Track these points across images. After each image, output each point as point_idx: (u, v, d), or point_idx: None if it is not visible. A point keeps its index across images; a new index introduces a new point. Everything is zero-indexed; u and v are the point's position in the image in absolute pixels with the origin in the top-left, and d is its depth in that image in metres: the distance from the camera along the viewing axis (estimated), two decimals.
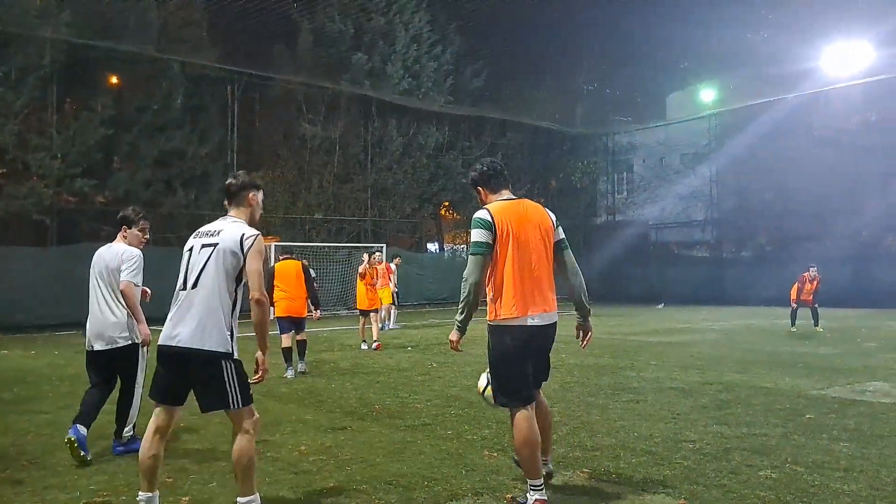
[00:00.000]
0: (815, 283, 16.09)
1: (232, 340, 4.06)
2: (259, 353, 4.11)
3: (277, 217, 25.99)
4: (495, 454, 5.62)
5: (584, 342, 4.96)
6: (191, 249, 4.19)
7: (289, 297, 10.30)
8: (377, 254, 14.99)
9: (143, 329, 5.76)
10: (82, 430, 5.48)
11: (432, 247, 33.62)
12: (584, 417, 6.95)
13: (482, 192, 4.83)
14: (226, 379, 4.00)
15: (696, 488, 4.67)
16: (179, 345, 4.00)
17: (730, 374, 9.55)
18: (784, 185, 27.53)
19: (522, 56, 38.03)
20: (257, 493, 4.06)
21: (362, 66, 28.63)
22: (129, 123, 22.09)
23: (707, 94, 33.98)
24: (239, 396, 4.02)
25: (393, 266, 18.42)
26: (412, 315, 23.20)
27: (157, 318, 5.03)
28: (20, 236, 20.73)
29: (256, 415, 4.13)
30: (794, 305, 16.11)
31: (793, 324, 15.92)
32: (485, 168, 4.87)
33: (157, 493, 4.10)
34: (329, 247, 25.12)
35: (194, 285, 4.09)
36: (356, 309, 14.87)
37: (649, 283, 31.03)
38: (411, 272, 27.71)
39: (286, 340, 10.21)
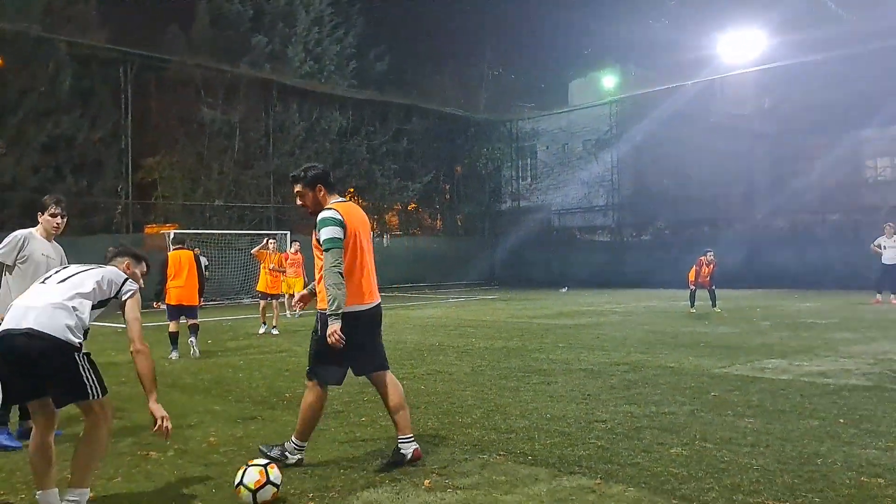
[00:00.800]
0: (712, 266, 16.74)
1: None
2: (149, 401, 4.04)
3: (176, 204, 25.08)
4: None
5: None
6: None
7: (180, 286, 10.48)
8: (272, 241, 14.78)
9: None
10: None
11: None
12: (496, 400, 6.98)
13: (322, 190, 4.98)
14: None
15: (611, 467, 4.74)
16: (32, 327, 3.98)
17: (635, 355, 9.80)
18: (682, 170, 28.58)
19: (426, 40, 38.18)
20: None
21: (262, 49, 27.92)
22: (14, 106, 20.78)
23: (608, 81, 34.80)
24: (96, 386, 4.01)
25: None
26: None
27: None
28: None
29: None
30: (693, 287, 16.70)
31: (692, 305, 16.52)
32: (325, 168, 5.11)
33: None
34: (231, 234, 24.43)
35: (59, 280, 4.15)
36: (258, 293, 14.73)
37: (553, 268, 31.69)
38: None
39: (173, 326, 10.55)
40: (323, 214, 4.80)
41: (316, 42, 29.52)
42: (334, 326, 4.67)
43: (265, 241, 14.86)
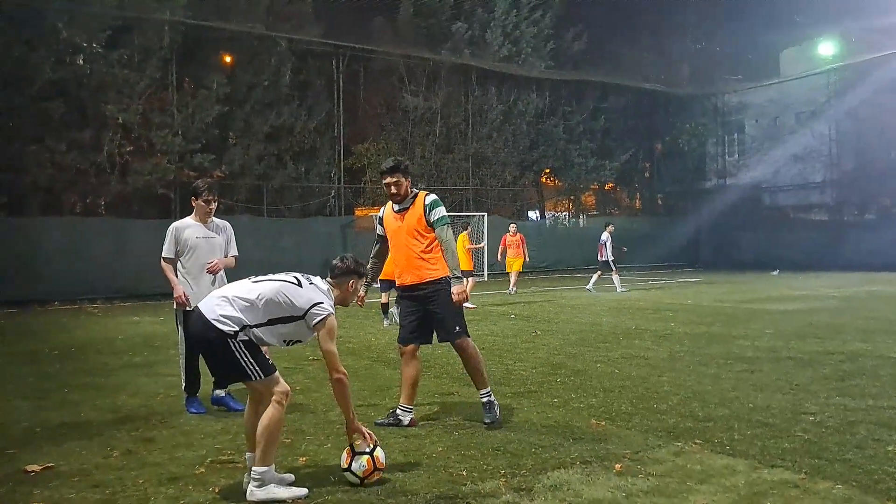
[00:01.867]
0: None
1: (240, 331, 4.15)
2: (351, 421, 4.37)
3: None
4: (603, 423, 5.58)
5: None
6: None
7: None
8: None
9: (175, 290, 6.29)
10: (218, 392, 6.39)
11: (533, 214, 33.39)
12: (695, 387, 6.79)
13: (408, 181, 5.77)
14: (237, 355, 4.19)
15: (817, 462, 4.49)
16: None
17: (853, 344, 9.09)
18: None
19: (624, 17, 36.84)
20: (273, 464, 4.16)
21: (462, 35, 28.54)
22: (242, 100, 22.94)
23: (825, 48, 31.91)
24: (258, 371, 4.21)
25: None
26: None
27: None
28: (146, 210, 21.97)
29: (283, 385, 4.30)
30: None
31: None
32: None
33: (273, 465, 4.23)
34: None
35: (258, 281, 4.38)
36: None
37: (762, 249, 29.80)
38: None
39: (384, 297, 12.31)
40: (432, 196, 5.72)
41: (514, 25, 29.68)
42: (462, 286, 5.65)
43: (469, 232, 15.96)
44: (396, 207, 5.75)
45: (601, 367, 7.93)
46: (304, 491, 4.12)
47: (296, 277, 4.37)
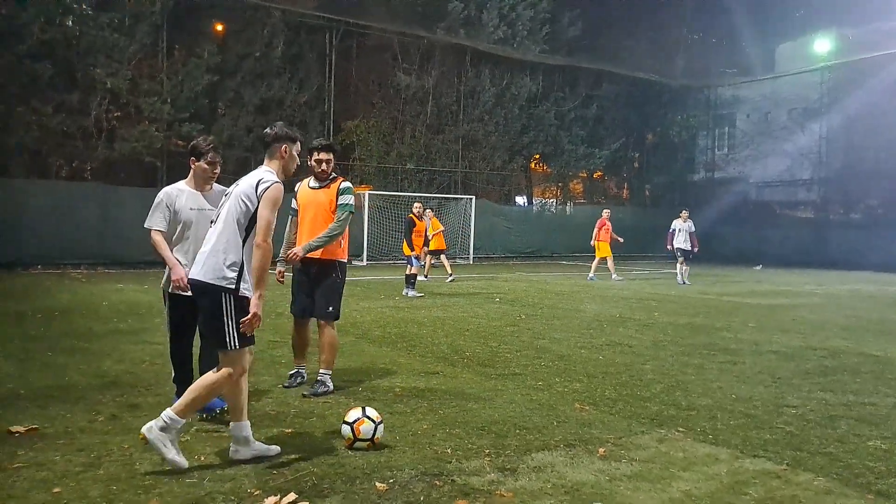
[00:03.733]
0: None
1: (239, 279, 4.10)
2: (252, 296, 4.14)
3: (371, 166, 26.31)
4: (587, 407, 5.61)
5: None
6: (228, 193, 4.35)
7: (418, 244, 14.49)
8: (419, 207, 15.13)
9: (174, 271, 5.03)
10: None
11: (521, 200, 33.40)
12: (678, 376, 6.84)
13: (334, 163, 6.13)
14: (223, 313, 4.10)
15: (799, 455, 4.54)
16: (191, 276, 4.24)
17: (835, 340, 9.18)
18: None
19: (621, 4, 36.73)
20: (186, 419, 4.15)
21: (458, 14, 28.32)
22: (232, 70, 22.68)
23: (821, 45, 31.94)
24: (235, 337, 4.12)
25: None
26: (499, 267, 23.23)
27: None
28: (132, 177, 21.73)
29: (247, 362, 4.23)
30: None
31: None
32: None
33: (185, 420, 4.18)
34: (420, 197, 25.29)
35: (213, 222, 4.29)
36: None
37: (748, 244, 29.97)
38: (499, 225, 27.69)
39: (414, 270, 14.02)
40: (347, 183, 6.03)
41: (510, 7, 29.47)
42: (300, 253, 5.80)
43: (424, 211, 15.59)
44: (314, 184, 6.05)
45: (585, 353, 7.96)
46: (276, 448, 4.29)
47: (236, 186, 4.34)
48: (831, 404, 5.85)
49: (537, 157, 32.14)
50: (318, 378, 5.91)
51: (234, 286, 4.10)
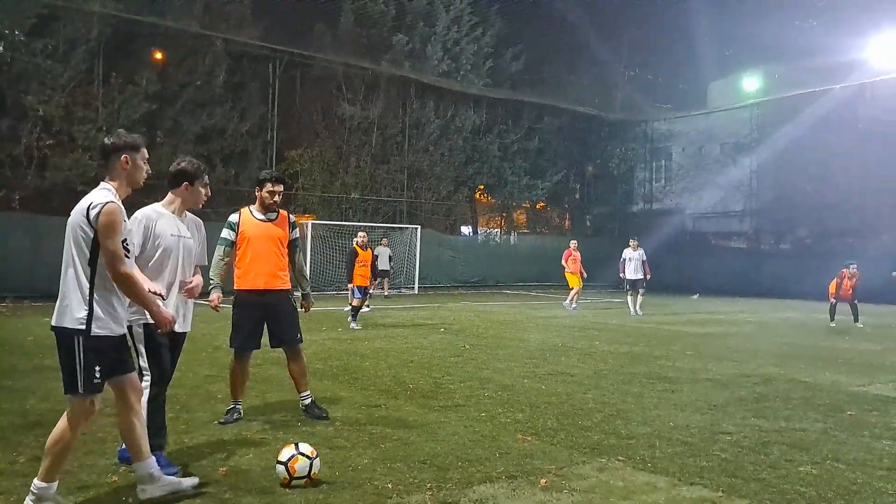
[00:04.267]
0: (855, 279, 15.84)
1: (90, 318, 3.77)
2: (149, 312, 4.02)
3: (315, 195, 26.14)
4: (529, 438, 5.62)
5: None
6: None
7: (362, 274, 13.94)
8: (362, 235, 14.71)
9: (160, 314, 4.21)
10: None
11: (466, 230, 33.59)
12: (619, 405, 6.91)
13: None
14: (76, 357, 3.78)
15: (734, 481, 4.62)
16: (51, 323, 3.89)
17: (767, 367, 9.42)
18: (827, 178, 27.00)
19: (562, 40, 37.51)
20: (56, 481, 3.88)
21: (402, 47, 28.55)
22: (172, 99, 22.31)
23: (751, 83, 33.21)
24: (82, 379, 3.77)
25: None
26: (445, 297, 23.23)
27: None
28: (64, 206, 21.07)
29: (95, 407, 3.90)
30: (833, 301, 15.85)
31: (832, 319, 15.64)
32: None
33: (56, 482, 3.90)
34: (365, 227, 25.21)
35: (62, 262, 3.90)
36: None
37: (684, 273, 30.65)
38: (444, 254, 27.77)
39: (356, 302, 13.67)
40: (293, 217, 6.28)
41: (454, 41, 29.82)
42: (312, 302, 6.55)
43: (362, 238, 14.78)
44: (261, 216, 6.08)
45: (528, 383, 7.99)
46: (192, 480, 4.19)
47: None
48: (764, 430, 5.98)
49: (481, 187, 32.42)
50: (310, 402, 6.20)
51: (84, 326, 3.78)
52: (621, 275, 18.71)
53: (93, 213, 3.75)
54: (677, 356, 10.38)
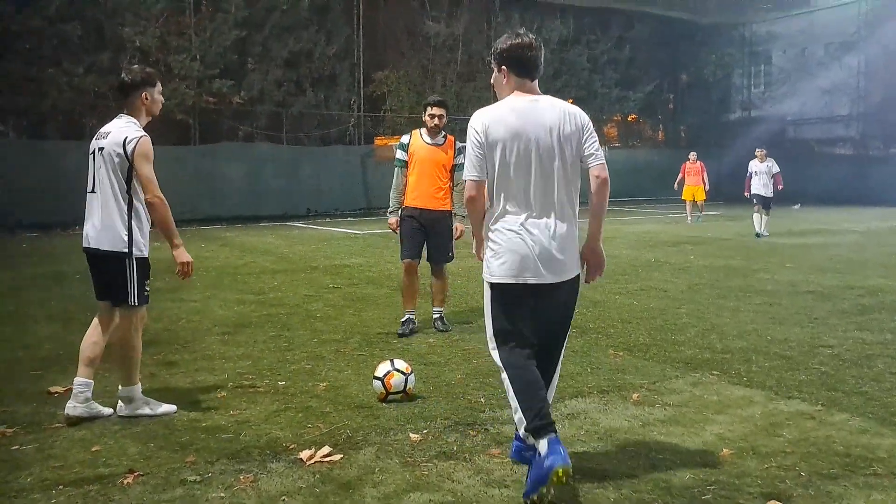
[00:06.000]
0: None
1: (131, 241, 4.17)
2: (174, 251, 4.25)
3: (403, 116, 26.15)
4: (621, 353, 5.63)
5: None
6: (93, 152, 4.28)
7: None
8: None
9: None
10: None
11: None
12: (713, 319, 6.80)
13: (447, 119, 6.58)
14: (127, 276, 4.18)
15: (834, 395, 4.52)
16: (88, 245, 4.27)
17: (873, 279, 9.03)
18: None
19: None
20: (139, 383, 4.33)
21: None
22: (260, 24, 22.51)
23: None
24: (136, 294, 4.21)
25: None
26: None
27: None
28: (164, 136, 21.88)
29: (145, 315, 4.42)
30: None
31: None
32: None
33: (91, 381, 4.29)
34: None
35: (93, 189, 4.26)
36: None
37: (785, 182, 29.30)
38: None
39: None
40: (462, 144, 5.79)
41: None
42: (463, 225, 5.86)
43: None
44: (429, 139, 6.39)
45: (619, 299, 7.95)
46: (172, 408, 4.35)
47: (101, 135, 4.31)
48: (868, 343, 5.79)
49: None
50: (439, 316, 6.53)
51: (128, 249, 4.18)
52: (746, 193, 17.11)
53: (129, 146, 4.13)
54: (776, 269, 10.07)
